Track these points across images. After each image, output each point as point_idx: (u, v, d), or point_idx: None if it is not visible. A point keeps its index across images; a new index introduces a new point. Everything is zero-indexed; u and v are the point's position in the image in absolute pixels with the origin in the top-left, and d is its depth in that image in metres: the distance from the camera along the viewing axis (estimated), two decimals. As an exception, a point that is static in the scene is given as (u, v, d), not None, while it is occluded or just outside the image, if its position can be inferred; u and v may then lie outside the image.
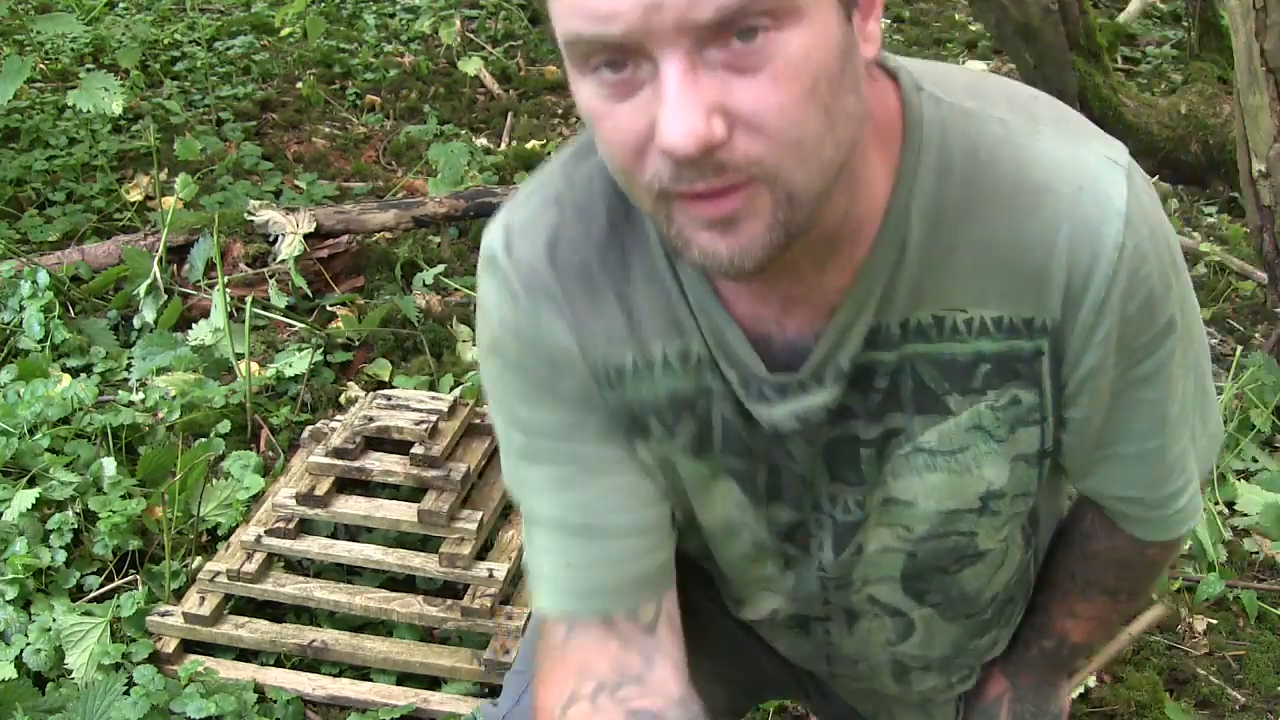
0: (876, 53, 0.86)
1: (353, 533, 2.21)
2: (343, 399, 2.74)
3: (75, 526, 2.27)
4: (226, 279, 2.97)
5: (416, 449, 2.13)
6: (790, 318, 0.97)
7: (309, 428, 2.39)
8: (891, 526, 1.07)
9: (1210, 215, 3.79)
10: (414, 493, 2.18)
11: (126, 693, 1.98)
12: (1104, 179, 0.91)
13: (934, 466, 1.02)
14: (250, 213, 3.17)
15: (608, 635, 1.05)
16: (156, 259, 3.04)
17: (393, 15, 5.46)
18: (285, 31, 4.74)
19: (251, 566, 2.12)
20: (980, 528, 1.07)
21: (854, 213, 0.91)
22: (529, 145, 4.11)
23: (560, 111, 4.51)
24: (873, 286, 0.94)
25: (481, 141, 4.15)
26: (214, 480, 2.39)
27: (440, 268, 3.23)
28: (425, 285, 3.19)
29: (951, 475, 1.02)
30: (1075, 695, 2.01)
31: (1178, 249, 0.98)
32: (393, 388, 2.72)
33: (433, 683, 2.06)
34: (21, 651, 2.05)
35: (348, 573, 2.20)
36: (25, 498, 2.24)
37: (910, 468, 1.02)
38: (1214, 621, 2.23)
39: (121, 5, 5.46)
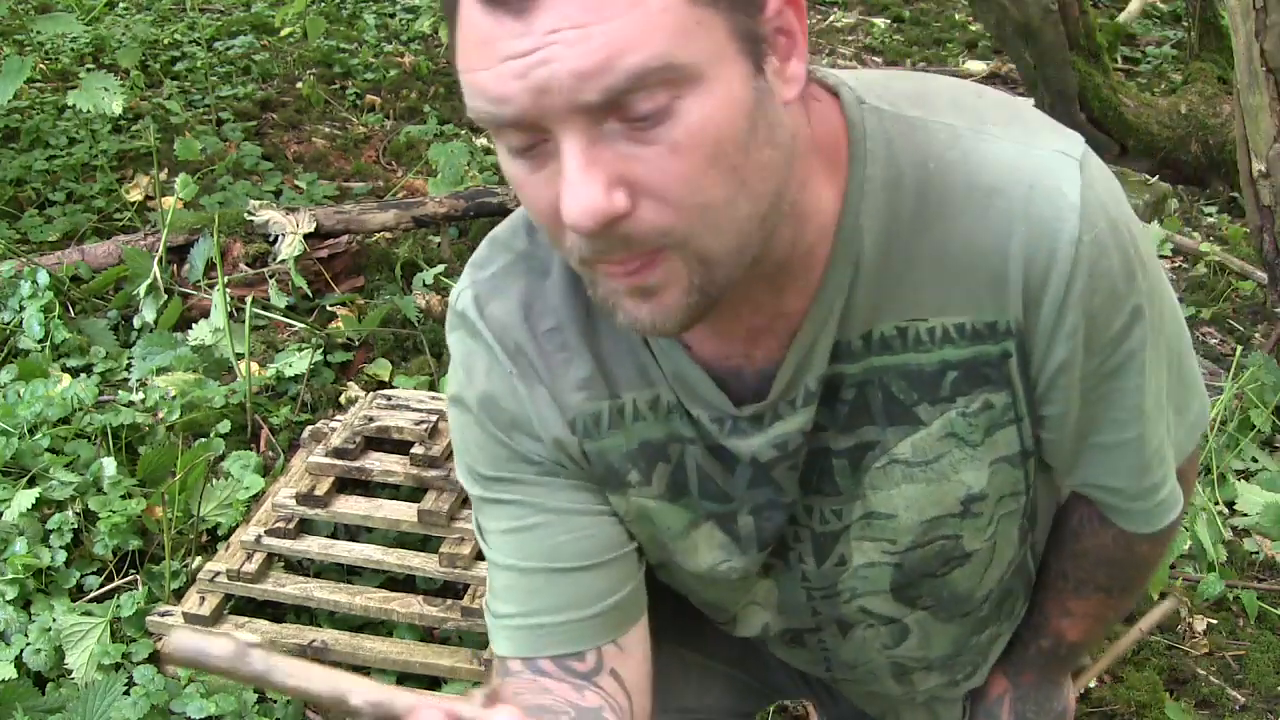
0: (798, 93, 0.84)
1: (353, 533, 2.21)
2: (343, 399, 2.74)
3: (75, 526, 2.27)
4: (226, 279, 2.97)
5: (416, 449, 2.13)
6: (757, 348, 0.97)
7: (309, 428, 2.39)
8: (876, 541, 1.06)
9: (1210, 215, 3.79)
10: (414, 493, 2.18)
11: (126, 693, 1.98)
12: (1055, 174, 0.90)
13: (911, 477, 1.02)
14: (250, 213, 3.17)
15: (541, 676, 1.04)
16: (156, 259, 3.04)
17: (393, 15, 5.46)
18: (285, 31, 4.73)
19: (251, 566, 2.12)
20: (964, 530, 1.06)
21: (803, 239, 0.91)
22: (529, 145, 4.11)
23: (560, 111, 4.51)
24: (831, 305, 0.93)
25: (481, 141, 4.14)
26: (214, 480, 2.39)
27: (440, 268, 3.23)
28: (425, 285, 3.19)
29: (930, 485, 1.02)
30: (1075, 695, 2.01)
31: (1143, 237, 0.96)
32: (393, 388, 2.72)
33: (433, 683, 2.06)
34: (21, 651, 2.05)
35: (348, 573, 2.20)
36: (25, 498, 2.24)
37: (888, 480, 1.02)
38: (1214, 621, 2.23)
39: (121, 5, 5.46)
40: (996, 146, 0.91)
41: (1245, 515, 2.45)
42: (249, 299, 2.83)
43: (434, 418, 2.18)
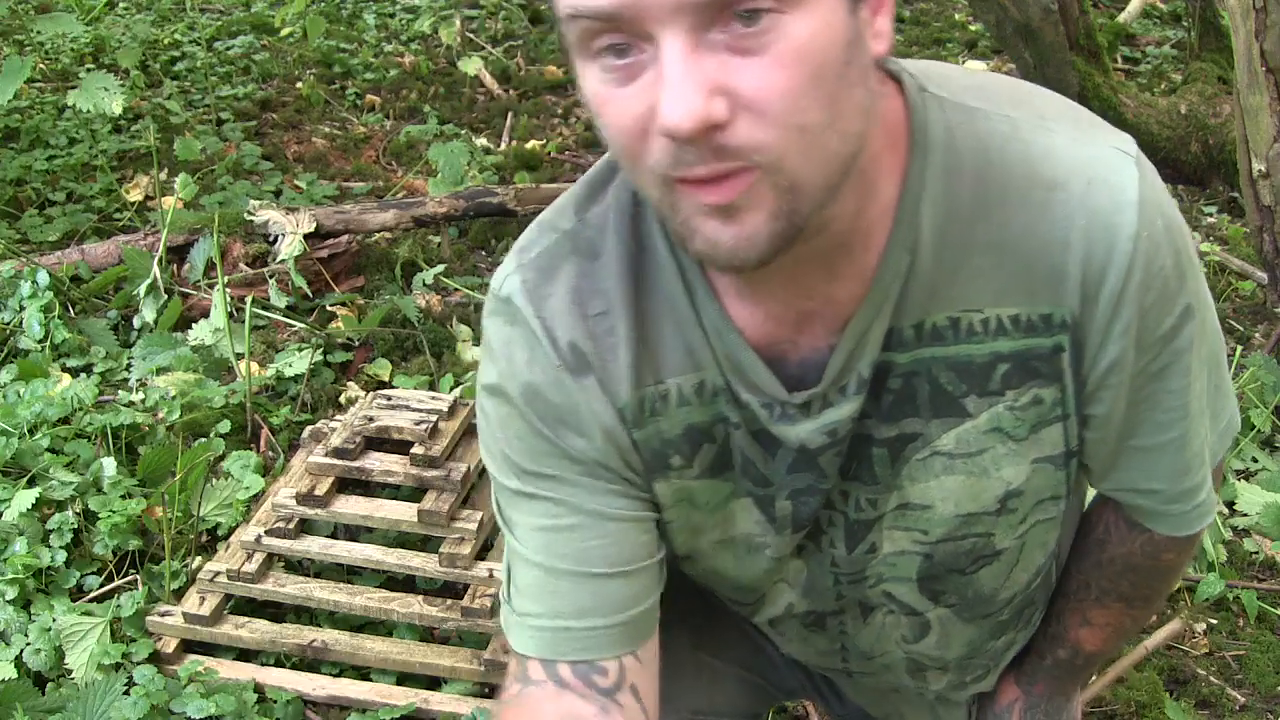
0: (887, 49, 0.85)
1: (353, 533, 2.21)
2: (343, 399, 2.74)
3: (75, 526, 2.27)
4: (226, 279, 2.97)
5: (416, 449, 2.13)
6: (804, 334, 0.96)
7: (309, 428, 2.39)
8: (908, 530, 1.06)
9: (1210, 215, 3.79)
10: (414, 493, 2.18)
11: (126, 693, 1.98)
12: (1115, 170, 0.91)
13: (952, 469, 1.01)
14: (250, 213, 3.17)
15: (564, 689, 1.02)
16: (156, 259, 3.04)
17: (393, 15, 5.46)
18: (285, 31, 4.74)
19: (251, 566, 2.12)
20: (998, 528, 1.06)
21: (864, 215, 0.90)
22: (529, 145, 4.11)
23: (560, 111, 4.51)
24: (887, 291, 0.93)
25: (481, 141, 4.14)
26: (214, 480, 2.39)
27: (440, 268, 3.23)
28: (425, 285, 3.19)
29: (970, 478, 1.01)
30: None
31: (1189, 239, 0.97)
32: (393, 388, 2.72)
33: (433, 683, 2.06)
34: (21, 651, 2.05)
35: (348, 573, 2.20)
36: (25, 498, 2.24)
37: (928, 472, 1.01)
38: (1214, 621, 2.23)
39: (121, 5, 5.46)
40: (1057, 140, 0.92)
41: (1245, 515, 2.45)
42: (249, 299, 2.83)
43: (434, 418, 2.18)
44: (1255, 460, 2.60)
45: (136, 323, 2.99)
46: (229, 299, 2.93)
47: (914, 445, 1.00)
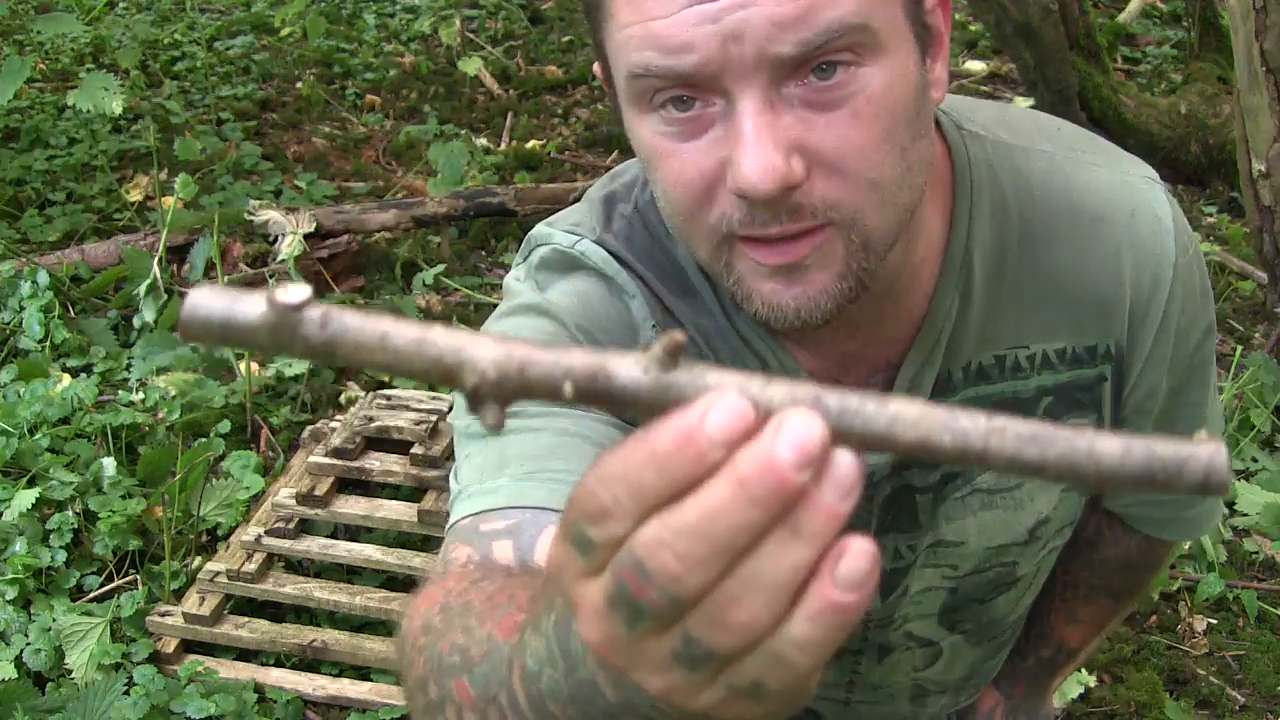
0: (942, 96, 0.83)
1: (353, 533, 2.21)
2: (343, 399, 2.74)
3: (75, 526, 2.27)
4: (226, 279, 2.97)
5: (416, 449, 2.13)
6: (848, 375, 0.93)
7: (309, 428, 2.39)
8: (938, 567, 1.05)
9: (1210, 215, 3.79)
10: (414, 493, 2.18)
11: (126, 693, 1.98)
12: (1150, 199, 0.93)
13: (990, 505, 1.00)
14: (250, 213, 3.17)
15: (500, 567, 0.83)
16: (156, 259, 3.03)
17: (393, 15, 5.46)
18: (285, 31, 4.73)
19: (251, 566, 2.12)
20: (1023, 557, 1.05)
21: (910, 260, 0.88)
22: (529, 145, 4.11)
23: (560, 111, 4.51)
24: (939, 335, 0.91)
25: (481, 141, 4.14)
26: (214, 480, 2.39)
27: (440, 268, 3.23)
28: (425, 285, 3.19)
29: (1006, 512, 1.00)
30: (1075, 695, 2.01)
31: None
32: (393, 388, 2.72)
33: (433, 683, 2.06)
34: (21, 651, 2.05)
35: (348, 573, 2.20)
36: (25, 498, 2.24)
37: (965, 509, 1.00)
38: (1214, 621, 2.22)
39: (121, 5, 5.46)
40: (1094, 174, 0.93)
41: (1245, 515, 2.45)
42: (249, 299, 2.83)
43: (434, 418, 2.18)
44: (1255, 460, 2.60)
45: (136, 323, 2.99)
46: (229, 299, 2.92)
47: (954, 484, 0.99)
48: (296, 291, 0.41)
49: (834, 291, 0.78)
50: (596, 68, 0.82)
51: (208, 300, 0.41)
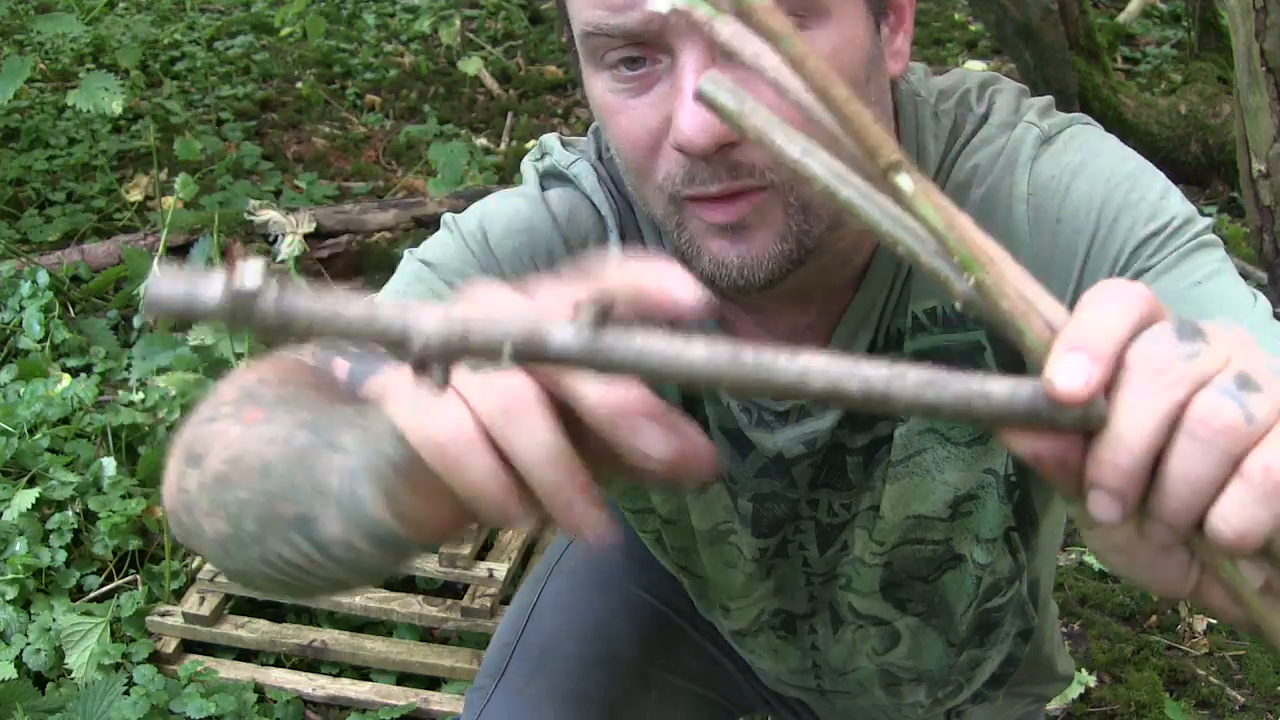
0: (902, 70, 0.83)
1: (353, 533, 2.21)
2: (343, 399, 2.74)
3: (75, 526, 2.27)
4: (226, 279, 2.97)
5: (416, 449, 2.13)
6: (795, 344, 0.94)
7: (309, 428, 2.39)
8: (870, 536, 1.05)
9: (1210, 215, 3.79)
10: (414, 493, 2.18)
11: (126, 693, 1.98)
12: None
13: (899, 475, 1.00)
14: (250, 213, 3.17)
15: None
16: (156, 259, 3.04)
17: (393, 15, 5.46)
18: (285, 31, 4.74)
19: (251, 566, 2.12)
20: (954, 533, 1.05)
21: (857, 231, 0.88)
22: (529, 145, 4.10)
23: (560, 111, 4.51)
24: (875, 299, 0.92)
25: (481, 141, 4.15)
26: (214, 480, 2.39)
27: (440, 268, 3.23)
28: (425, 285, 3.18)
29: (914, 480, 1.00)
30: (1075, 695, 2.01)
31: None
32: (393, 388, 2.72)
33: (432, 683, 2.06)
34: (21, 651, 2.05)
35: (348, 573, 2.20)
36: (25, 498, 2.24)
37: (884, 478, 1.01)
38: (1214, 621, 2.23)
39: (121, 5, 5.46)
40: (1028, 133, 0.91)
41: (1245, 515, 2.45)
42: (249, 299, 2.83)
43: (434, 418, 2.18)
44: (1255, 460, 2.60)
45: (136, 323, 2.99)
46: (229, 299, 2.92)
47: (884, 449, 0.99)
48: (252, 271, 0.44)
49: (775, 253, 0.79)
50: (565, 35, 0.85)
51: (169, 284, 0.44)
